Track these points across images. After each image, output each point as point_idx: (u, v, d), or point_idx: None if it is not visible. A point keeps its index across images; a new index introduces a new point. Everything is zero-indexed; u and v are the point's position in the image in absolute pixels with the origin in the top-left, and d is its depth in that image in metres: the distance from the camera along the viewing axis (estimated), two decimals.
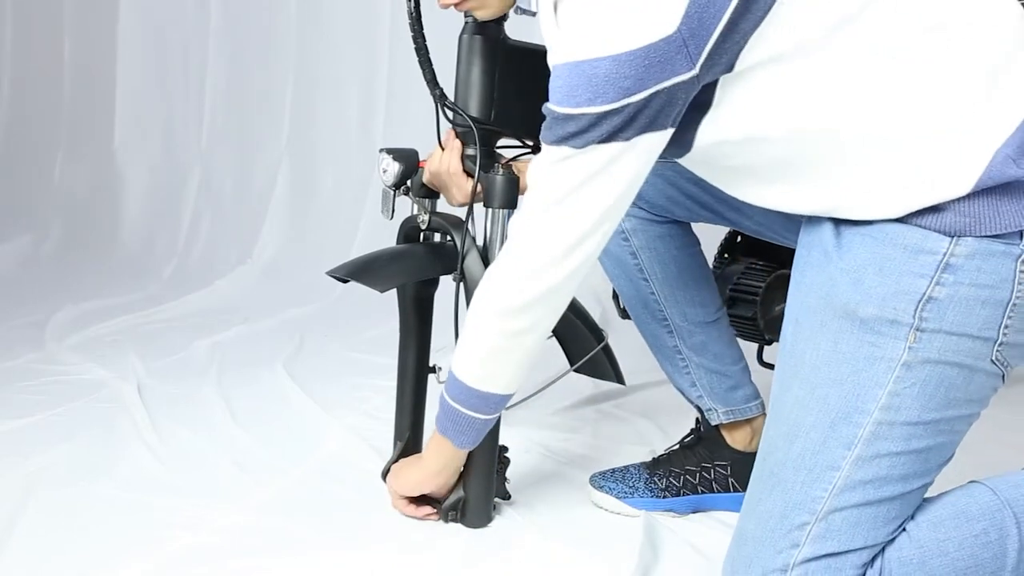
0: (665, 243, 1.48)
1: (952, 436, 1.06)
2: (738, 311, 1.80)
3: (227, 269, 3.47)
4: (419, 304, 1.57)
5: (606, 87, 0.99)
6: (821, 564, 1.04)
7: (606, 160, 1.04)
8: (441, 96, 1.45)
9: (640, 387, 2.17)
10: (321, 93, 3.66)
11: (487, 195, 1.43)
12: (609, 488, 1.53)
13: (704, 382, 1.53)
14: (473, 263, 1.42)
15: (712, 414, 1.54)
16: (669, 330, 1.51)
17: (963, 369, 1.03)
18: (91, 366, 2.26)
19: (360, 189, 3.50)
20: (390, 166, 1.50)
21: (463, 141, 1.46)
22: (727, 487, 1.53)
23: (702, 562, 1.36)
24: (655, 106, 1.00)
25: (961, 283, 1.00)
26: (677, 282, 1.49)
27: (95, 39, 4.12)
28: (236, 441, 1.79)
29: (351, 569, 1.32)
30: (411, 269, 1.49)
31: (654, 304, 1.50)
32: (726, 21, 0.96)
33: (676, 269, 1.49)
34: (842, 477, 1.04)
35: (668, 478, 1.53)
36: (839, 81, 1.01)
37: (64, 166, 4.20)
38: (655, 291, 1.49)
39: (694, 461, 1.54)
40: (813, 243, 1.11)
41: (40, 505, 1.48)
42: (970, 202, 1.00)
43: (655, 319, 1.51)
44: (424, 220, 1.51)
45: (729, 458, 1.54)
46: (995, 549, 1.04)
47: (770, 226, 1.39)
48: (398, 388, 1.59)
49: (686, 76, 0.98)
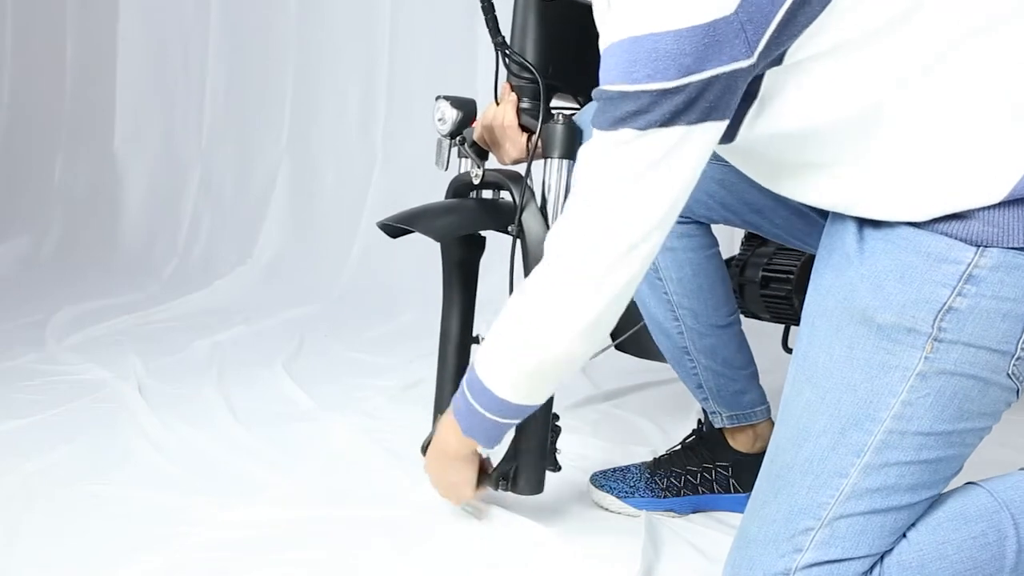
0: (683, 242, 1.45)
1: (963, 449, 1.05)
2: (772, 291, 1.79)
3: (227, 269, 3.47)
4: (463, 269, 1.51)
5: (667, 63, 0.94)
6: (823, 570, 1.03)
7: (668, 146, 0.97)
8: (503, 44, 1.39)
9: (640, 387, 2.17)
10: (321, 93, 3.66)
11: (547, 145, 1.36)
12: (610, 487, 1.53)
13: (711, 384, 1.51)
14: (531, 217, 1.36)
15: (716, 417, 1.53)
16: (680, 330, 1.49)
17: (978, 382, 1.01)
18: (91, 366, 2.26)
19: (360, 189, 3.50)
20: (447, 113, 1.44)
21: (519, 94, 1.41)
22: (728, 488, 1.53)
23: (703, 563, 1.36)
24: (715, 91, 0.95)
25: (983, 295, 0.99)
26: (692, 283, 1.47)
27: (96, 39, 4.12)
28: (239, 440, 1.79)
29: (355, 566, 1.32)
30: (467, 220, 1.42)
31: (667, 303, 1.48)
32: (785, 11, 0.94)
33: (691, 271, 1.46)
34: (850, 484, 1.03)
35: (669, 478, 1.53)
36: (888, 77, 0.98)
37: (64, 166, 4.20)
38: (668, 291, 1.47)
39: (695, 461, 1.54)
40: (835, 246, 1.09)
41: (46, 504, 1.47)
42: (999, 211, 0.98)
43: (667, 318, 1.49)
44: (477, 175, 1.43)
45: (731, 459, 1.53)
46: (993, 551, 1.03)
47: (791, 231, 1.37)
48: (439, 357, 1.53)
49: (745, 64, 0.95)
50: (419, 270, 3.12)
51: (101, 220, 4.00)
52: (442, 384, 1.55)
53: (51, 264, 3.76)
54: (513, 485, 1.42)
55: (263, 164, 3.76)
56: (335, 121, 3.64)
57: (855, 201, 1.06)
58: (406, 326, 2.80)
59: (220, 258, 3.59)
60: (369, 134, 3.56)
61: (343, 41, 3.59)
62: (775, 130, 1.04)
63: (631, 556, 1.34)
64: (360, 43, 3.54)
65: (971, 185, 0.98)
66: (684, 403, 2.06)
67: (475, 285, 1.52)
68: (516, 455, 1.41)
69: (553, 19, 1.39)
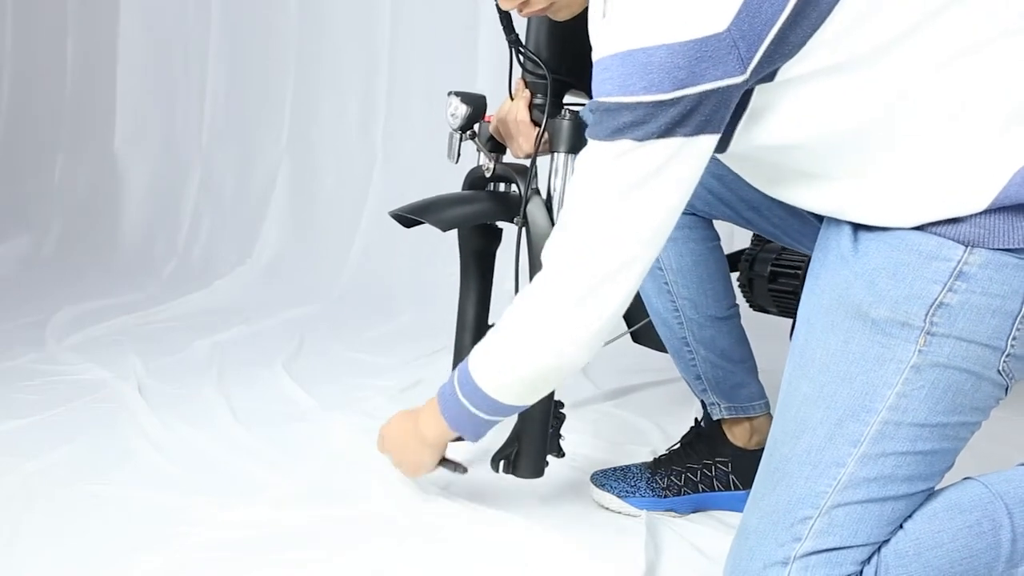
0: (684, 233, 1.46)
1: (955, 443, 1.07)
2: (780, 285, 1.81)
3: (227, 269, 3.47)
4: (480, 258, 1.57)
5: (661, 76, 0.96)
6: (822, 558, 1.05)
7: (665, 158, 1.00)
8: (516, 41, 1.43)
9: (640, 387, 2.17)
10: (321, 93, 3.66)
11: (553, 139, 1.42)
12: (611, 487, 1.53)
13: (710, 376, 1.52)
14: (536, 209, 1.42)
15: (715, 408, 1.54)
16: (680, 321, 1.50)
17: (971, 376, 1.03)
18: (91, 366, 2.26)
19: (360, 189, 3.51)
20: (458, 108, 1.50)
21: (532, 90, 1.45)
22: (728, 485, 1.54)
23: (704, 562, 1.36)
24: (710, 105, 0.98)
25: (973, 291, 1.01)
26: (692, 274, 1.48)
27: (96, 39, 4.12)
28: (240, 440, 1.79)
29: (355, 566, 1.32)
30: (474, 212, 1.48)
31: (667, 293, 1.50)
32: (777, 31, 0.96)
33: (692, 260, 1.48)
34: (847, 473, 1.05)
35: (669, 477, 1.53)
36: (880, 96, 1.01)
37: (64, 166, 4.21)
38: (668, 280, 1.48)
39: (695, 458, 1.55)
40: (830, 247, 1.11)
41: (46, 504, 1.48)
42: (986, 217, 1.01)
43: (667, 308, 1.51)
44: (489, 168, 1.51)
45: (729, 454, 1.54)
46: (989, 540, 1.05)
47: (786, 230, 1.39)
48: (456, 343, 1.59)
49: (738, 80, 0.97)
50: (419, 270, 3.13)
51: (101, 220, 4.00)
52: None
53: (51, 264, 3.76)
54: (514, 468, 1.43)
55: (263, 164, 3.76)
56: (335, 121, 3.64)
57: (849, 207, 1.08)
58: (406, 326, 2.80)
59: (220, 258, 3.59)
60: (369, 134, 3.56)
61: (343, 41, 3.59)
62: (767, 142, 1.06)
63: (632, 555, 1.34)
64: (360, 43, 3.54)
65: (960, 193, 1.02)
66: (684, 403, 2.06)
67: (491, 274, 1.59)
68: (518, 439, 1.43)
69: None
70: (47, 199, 4.13)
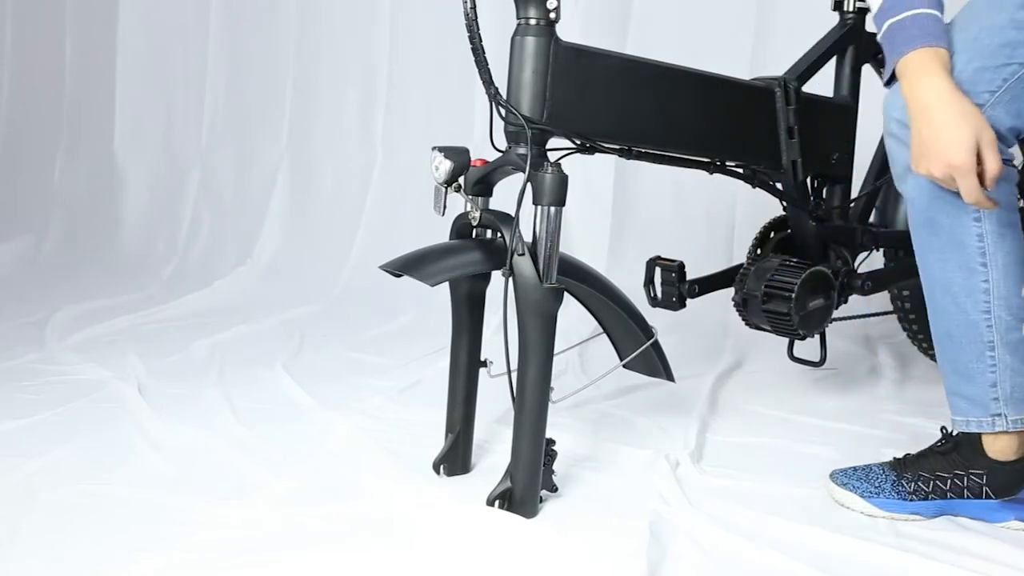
0: (1012, 231, 1.35)
1: None
2: (772, 306, 1.82)
3: (227, 269, 3.47)
4: (471, 300, 1.60)
5: None
6: None
7: None
8: (496, 95, 1.47)
9: (640, 387, 2.17)
10: (321, 93, 3.66)
11: (536, 193, 1.44)
12: (853, 486, 1.50)
13: (1007, 384, 1.41)
14: (522, 259, 1.44)
15: (1000, 420, 1.42)
16: (989, 323, 1.39)
17: None
18: (91, 366, 2.25)
19: (360, 189, 3.50)
20: (441, 164, 1.52)
21: (514, 140, 1.48)
22: (981, 494, 1.46)
23: (707, 561, 1.36)
24: None
25: None
26: (1019, 270, 1.37)
27: (95, 39, 4.12)
28: (241, 440, 1.79)
29: (354, 566, 1.32)
30: (461, 264, 1.50)
31: (982, 294, 1.38)
32: None
33: (1017, 258, 1.37)
34: None
35: (916, 482, 1.48)
36: None
37: (64, 166, 4.20)
38: (990, 279, 1.37)
39: (946, 467, 1.48)
40: None
41: (47, 504, 1.47)
42: None
43: (977, 310, 1.39)
44: (475, 217, 1.53)
45: (985, 467, 1.45)
46: None
47: None
48: (450, 381, 1.63)
49: None
50: None
51: (101, 220, 3.99)
52: (452, 407, 1.64)
53: (51, 264, 3.76)
54: (510, 505, 1.46)
55: (263, 164, 3.76)
56: (335, 121, 3.63)
57: None
58: (406, 326, 2.79)
59: (220, 258, 3.59)
60: (369, 134, 3.56)
61: (343, 41, 3.59)
62: None
63: (636, 555, 1.34)
64: (360, 43, 3.54)
65: None
66: (684, 403, 2.06)
67: (481, 314, 1.62)
68: (511, 478, 1.46)
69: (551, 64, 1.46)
70: (47, 199, 4.12)
